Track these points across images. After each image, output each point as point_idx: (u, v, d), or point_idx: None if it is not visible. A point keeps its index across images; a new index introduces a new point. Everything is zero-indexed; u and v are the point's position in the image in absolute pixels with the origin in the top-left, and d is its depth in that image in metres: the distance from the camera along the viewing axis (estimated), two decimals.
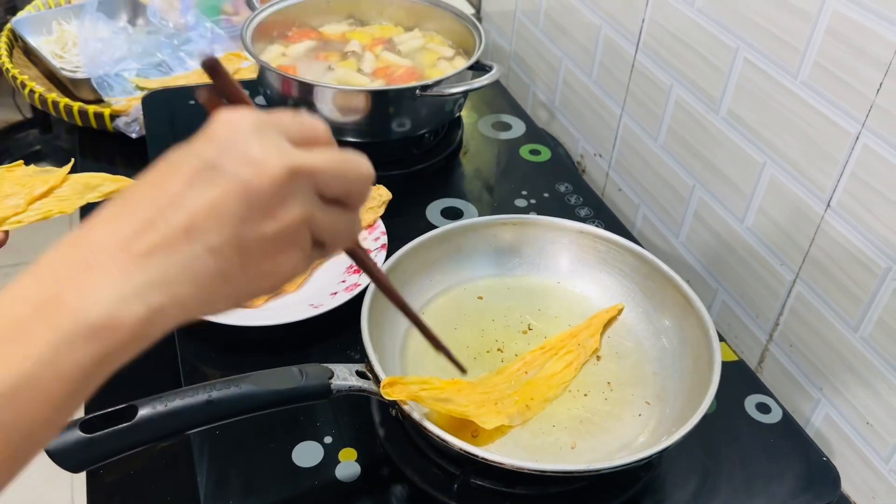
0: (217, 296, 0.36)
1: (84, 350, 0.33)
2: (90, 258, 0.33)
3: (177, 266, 0.34)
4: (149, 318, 0.34)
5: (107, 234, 0.34)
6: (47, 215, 0.77)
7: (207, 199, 0.34)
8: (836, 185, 0.74)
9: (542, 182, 1.01)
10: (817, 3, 0.73)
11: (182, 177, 0.35)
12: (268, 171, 0.35)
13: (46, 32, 1.41)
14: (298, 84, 0.94)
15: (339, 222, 0.39)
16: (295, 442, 0.67)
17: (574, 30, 1.15)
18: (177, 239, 0.34)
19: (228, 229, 0.35)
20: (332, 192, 0.38)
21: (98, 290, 0.33)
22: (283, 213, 0.36)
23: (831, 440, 0.81)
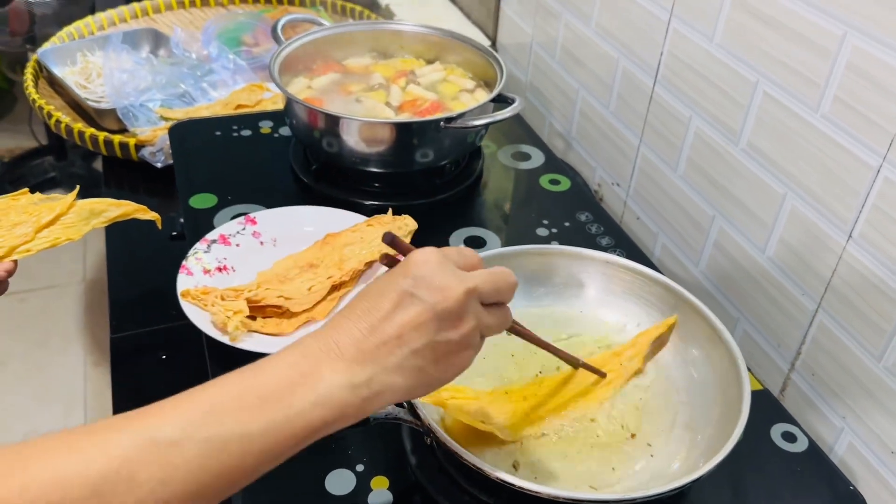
0: (417, 384, 0.50)
1: (328, 411, 0.46)
2: (337, 351, 0.48)
3: (393, 363, 0.48)
4: (370, 398, 0.48)
5: (345, 335, 0.48)
6: (55, 243, 0.78)
7: (411, 315, 0.48)
8: (858, 217, 0.76)
9: (563, 211, 1.02)
10: (837, 40, 0.74)
11: (390, 301, 0.49)
12: (451, 295, 0.49)
13: (71, 63, 1.44)
14: (326, 116, 0.95)
15: (498, 318, 0.53)
16: (328, 470, 0.68)
17: (591, 62, 1.17)
18: (392, 343, 0.48)
19: (426, 337, 0.49)
20: (491, 299, 0.52)
21: (344, 374, 0.47)
22: (463, 325, 0.50)
23: (855, 469, 0.81)
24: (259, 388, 0.46)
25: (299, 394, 0.46)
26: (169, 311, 0.99)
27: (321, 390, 0.46)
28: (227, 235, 0.88)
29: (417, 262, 0.50)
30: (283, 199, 0.97)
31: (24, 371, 1.88)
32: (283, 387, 0.46)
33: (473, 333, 0.51)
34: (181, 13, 1.70)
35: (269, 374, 0.46)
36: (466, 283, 0.50)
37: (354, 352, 0.48)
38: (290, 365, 0.47)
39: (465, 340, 0.50)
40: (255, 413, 0.45)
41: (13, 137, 2.58)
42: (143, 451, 0.41)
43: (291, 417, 0.45)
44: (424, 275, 0.49)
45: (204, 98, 1.33)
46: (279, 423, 0.45)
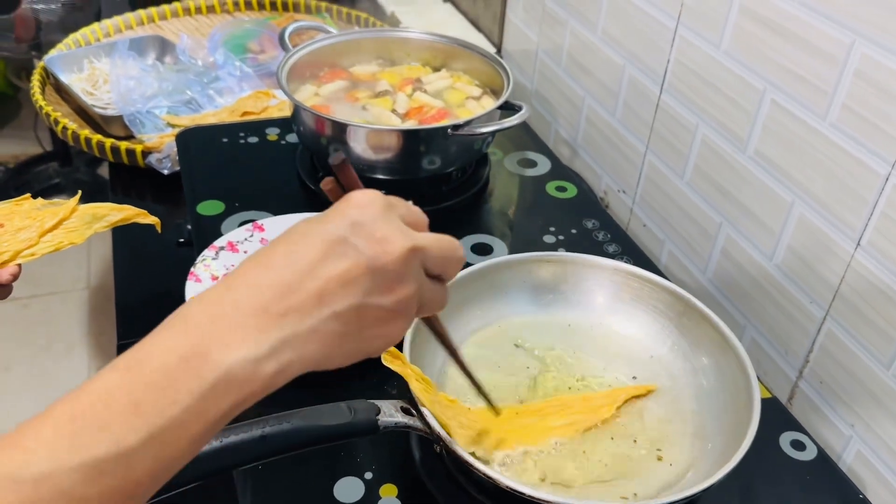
0: (335, 354, 0.41)
1: (225, 399, 0.37)
2: (233, 317, 0.38)
3: (307, 327, 0.39)
4: (279, 371, 0.39)
5: (248, 295, 0.39)
6: (59, 247, 0.78)
7: (340, 269, 0.40)
8: (867, 225, 0.76)
9: (570, 218, 1.02)
10: (845, 48, 0.75)
11: (317, 248, 0.40)
12: (393, 249, 0.41)
13: (78, 70, 1.45)
14: (333, 123, 0.96)
15: (436, 293, 0.46)
16: (336, 477, 0.68)
17: (597, 69, 1.17)
18: (310, 303, 0.39)
19: (354, 298, 0.40)
20: (436, 268, 0.44)
21: (239, 348, 0.38)
22: (401, 288, 0.42)
23: (864, 477, 0.81)
24: (133, 389, 0.36)
25: (182, 386, 0.36)
26: None
27: (210, 376, 0.37)
28: (236, 242, 0.89)
29: (358, 203, 0.41)
30: (290, 206, 0.98)
31: (28, 376, 1.88)
32: (160, 381, 0.36)
33: (410, 301, 0.42)
34: (187, 20, 1.71)
35: (143, 366, 0.37)
36: (413, 240, 0.42)
37: (257, 316, 0.38)
38: (167, 349, 0.37)
39: (399, 307, 0.42)
40: (131, 422, 0.35)
41: (18, 143, 2.59)
42: (10, 494, 0.33)
43: (178, 417, 0.36)
44: (364, 220, 0.41)
45: (210, 105, 1.33)
46: (163, 429, 0.36)
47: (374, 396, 0.62)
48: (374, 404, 0.60)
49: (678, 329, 0.74)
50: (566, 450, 0.65)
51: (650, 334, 0.76)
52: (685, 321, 0.74)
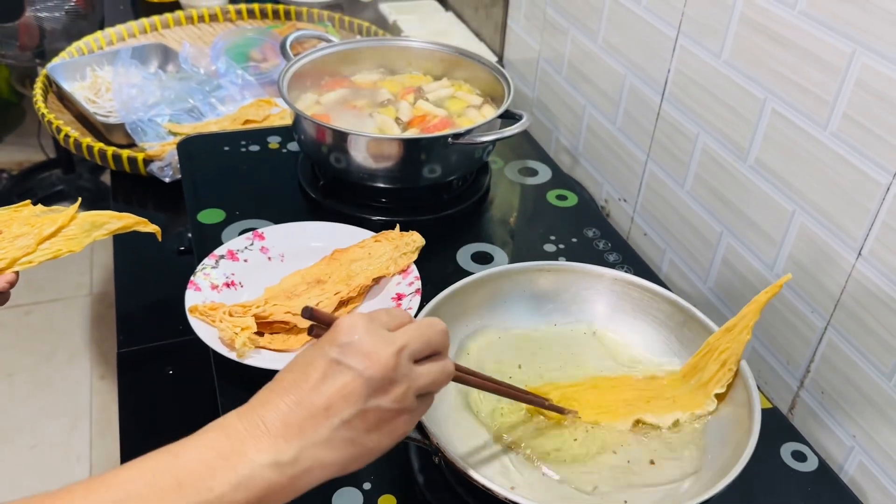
0: (350, 457, 0.48)
1: (252, 493, 0.45)
2: (263, 427, 0.46)
3: (321, 437, 0.47)
4: (299, 476, 0.46)
5: (271, 411, 0.47)
6: (57, 254, 0.78)
7: (338, 385, 0.47)
8: (868, 234, 0.75)
9: (570, 227, 1.02)
10: (846, 57, 0.74)
11: (318, 371, 0.47)
12: (380, 359, 0.47)
13: (80, 78, 1.45)
14: (334, 132, 0.96)
15: (434, 373, 0.51)
16: (335, 488, 0.68)
17: (598, 78, 1.17)
18: (320, 416, 0.47)
19: (356, 406, 0.47)
20: (424, 353, 0.51)
21: (268, 452, 0.45)
22: (395, 389, 0.48)
23: (866, 489, 0.80)
24: (177, 472, 0.43)
25: (220, 476, 0.44)
26: (176, 326, 0.99)
27: (243, 471, 0.44)
28: (236, 251, 0.88)
29: (344, 328, 0.48)
30: (290, 215, 0.98)
31: (31, 383, 1.88)
32: (202, 469, 0.44)
33: (407, 397, 0.49)
34: (190, 28, 1.71)
35: (188, 455, 0.45)
36: (395, 344, 0.48)
37: (280, 427, 0.46)
38: (210, 446, 0.45)
39: (398, 405, 0.48)
40: (172, 497, 0.42)
41: (22, 151, 2.59)
42: None
43: (211, 502, 0.43)
44: (351, 341, 0.48)
45: (212, 113, 1.33)
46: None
47: None
48: None
49: (679, 340, 0.74)
50: (565, 458, 0.65)
51: (651, 344, 0.75)
52: (686, 332, 0.73)
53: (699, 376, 0.69)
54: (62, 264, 0.79)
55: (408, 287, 0.85)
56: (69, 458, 1.71)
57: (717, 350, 0.69)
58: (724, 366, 0.68)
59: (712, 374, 0.68)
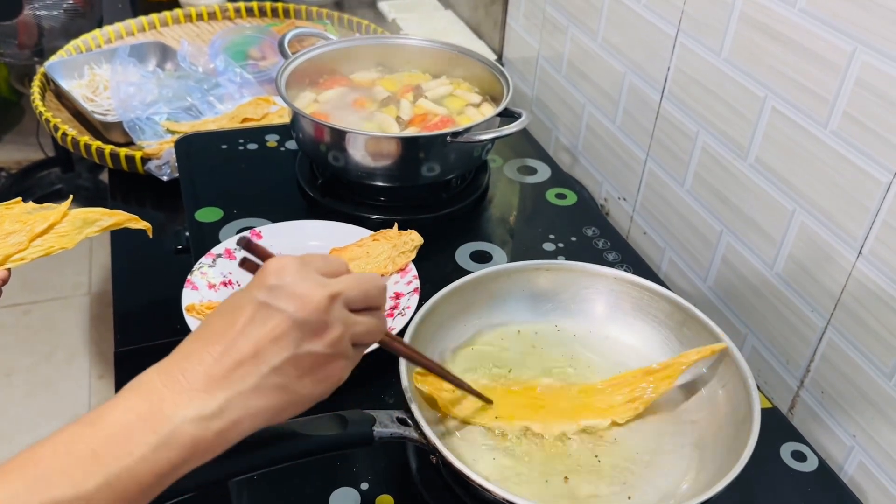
0: (282, 405, 0.46)
1: (177, 452, 0.42)
2: (183, 382, 0.43)
3: (249, 385, 0.44)
4: (228, 428, 0.44)
5: (194, 363, 0.44)
6: (49, 251, 0.78)
7: (267, 329, 0.44)
8: (868, 234, 0.75)
9: (569, 226, 1.02)
10: (846, 56, 0.74)
11: (245, 315, 0.45)
12: (311, 302, 0.45)
13: (78, 76, 1.45)
14: (332, 130, 0.95)
15: (369, 324, 0.49)
16: (332, 488, 0.67)
17: (597, 76, 1.17)
18: (247, 362, 0.44)
19: (287, 351, 0.45)
20: (360, 304, 0.49)
21: (188, 407, 0.43)
22: (328, 333, 0.46)
23: (866, 488, 0.80)
24: (93, 441, 0.41)
25: (139, 438, 0.42)
26: (173, 325, 0.98)
27: (164, 430, 0.42)
28: (233, 250, 0.88)
29: (273, 270, 0.46)
30: (288, 214, 0.97)
31: (29, 383, 1.88)
32: (120, 434, 0.42)
33: (341, 341, 0.47)
34: (188, 27, 1.71)
35: (104, 421, 0.42)
36: (329, 289, 0.46)
37: (203, 379, 0.43)
38: (127, 408, 0.43)
39: (332, 350, 0.46)
40: (90, 468, 0.40)
41: (21, 149, 2.59)
42: None
43: (132, 467, 0.41)
44: (282, 283, 0.45)
45: (210, 111, 1.33)
46: (118, 476, 0.41)
47: (370, 407, 0.62)
48: (370, 415, 0.60)
49: (678, 339, 0.74)
50: (562, 457, 0.65)
51: (650, 344, 0.75)
52: (686, 331, 0.73)
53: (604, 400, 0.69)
54: (60, 264, 0.79)
55: (406, 286, 0.85)
56: None
57: (630, 385, 0.69)
58: (634, 402, 0.68)
59: (619, 404, 0.68)
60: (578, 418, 0.67)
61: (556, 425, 0.66)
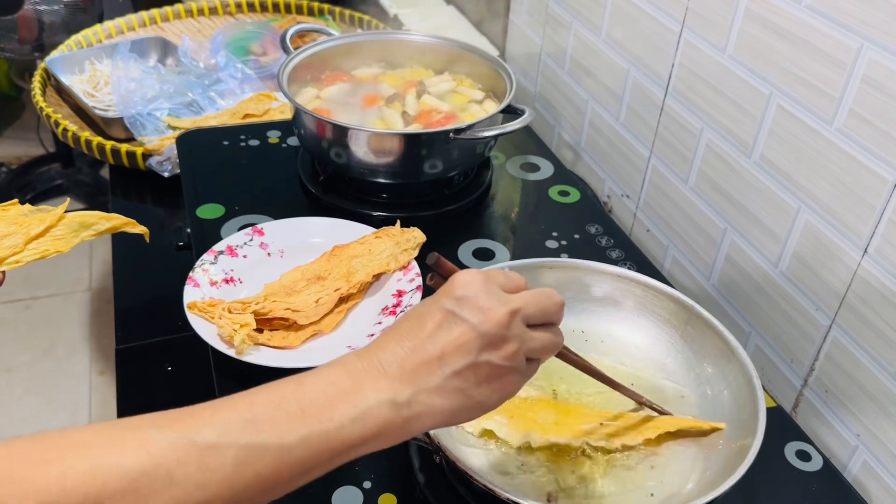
0: (458, 407, 0.49)
1: (367, 428, 0.46)
2: (379, 367, 0.48)
3: (434, 384, 0.48)
4: (411, 419, 0.47)
5: (388, 353, 0.48)
6: (44, 254, 0.77)
7: (453, 336, 0.48)
8: (874, 232, 0.75)
9: (572, 223, 1.01)
10: (853, 53, 0.74)
11: (433, 320, 0.49)
12: (494, 315, 0.49)
13: (79, 71, 1.44)
14: (334, 127, 0.95)
15: (545, 341, 0.52)
16: (334, 487, 0.67)
17: (601, 73, 1.16)
18: (434, 363, 0.48)
19: (468, 358, 0.48)
20: (538, 320, 0.51)
21: (385, 391, 0.47)
22: (506, 347, 0.49)
23: (870, 488, 0.80)
24: (300, 400, 0.46)
25: (340, 408, 0.46)
26: (175, 322, 0.98)
27: (361, 406, 0.46)
28: (235, 246, 0.88)
29: (461, 282, 0.50)
30: (290, 210, 0.97)
31: (29, 379, 1.88)
32: (324, 400, 0.46)
33: (517, 356, 0.50)
34: (189, 22, 1.70)
35: (311, 386, 0.47)
36: (510, 305, 0.49)
37: (397, 370, 0.48)
38: (332, 381, 0.47)
39: (508, 363, 0.49)
40: (295, 424, 0.45)
41: (21, 145, 2.58)
42: (183, 451, 0.42)
43: (330, 431, 0.45)
44: (468, 295, 0.49)
45: (212, 107, 1.32)
46: (317, 436, 0.45)
47: None
48: None
49: (683, 338, 0.73)
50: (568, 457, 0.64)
51: (654, 342, 0.75)
52: (690, 330, 0.73)
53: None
54: (61, 259, 0.78)
55: (409, 284, 0.84)
56: None
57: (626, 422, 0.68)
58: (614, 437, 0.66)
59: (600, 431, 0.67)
60: (553, 434, 0.66)
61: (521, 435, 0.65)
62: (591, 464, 0.64)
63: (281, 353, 0.77)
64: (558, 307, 0.53)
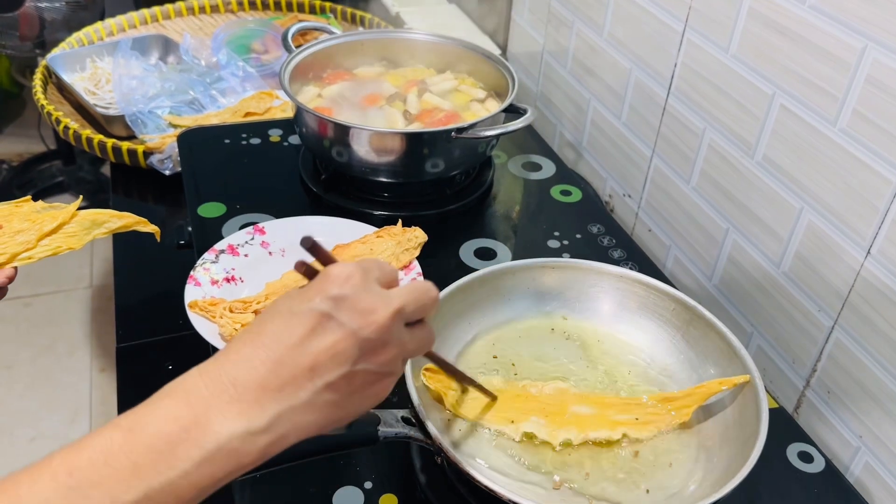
0: (327, 421, 0.44)
1: (220, 467, 0.40)
2: (232, 391, 0.40)
3: (302, 400, 0.42)
4: (274, 442, 0.42)
5: (245, 371, 0.41)
6: (57, 251, 0.78)
7: (327, 343, 0.42)
8: (877, 233, 0.74)
9: (574, 223, 1.01)
10: (857, 53, 0.73)
11: (304, 325, 0.42)
12: (377, 319, 0.43)
13: (80, 69, 1.44)
14: (336, 125, 0.95)
15: (421, 340, 0.48)
16: (335, 487, 0.67)
17: (603, 72, 1.16)
18: (303, 377, 0.41)
19: (344, 368, 0.42)
20: (415, 317, 0.47)
21: (238, 421, 0.40)
22: (386, 352, 0.44)
23: (872, 490, 0.80)
24: (131, 452, 0.39)
25: (182, 452, 0.39)
26: (176, 321, 0.98)
27: (209, 445, 0.39)
28: (236, 245, 0.87)
29: (338, 277, 0.43)
30: (292, 209, 0.97)
31: (30, 376, 1.88)
32: (161, 446, 0.39)
33: (395, 361, 0.45)
34: (191, 20, 1.70)
35: (144, 431, 0.39)
36: (392, 304, 0.44)
37: (255, 391, 0.41)
38: (170, 417, 0.40)
39: (385, 368, 0.45)
40: (129, 481, 0.38)
41: (22, 142, 2.58)
42: None
43: (174, 481, 0.39)
44: (346, 294, 0.42)
45: (213, 105, 1.32)
46: (158, 490, 0.38)
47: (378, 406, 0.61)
48: (374, 414, 0.59)
49: (685, 338, 0.73)
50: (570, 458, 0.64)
51: (656, 343, 0.74)
52: (692, 330, 0.72)
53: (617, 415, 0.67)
54: (62, 256, 0.78)
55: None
56: None
57: (650, 409, 0.68)
58: (649, 424, 0.66)
59: (629, 422, 0.66)
60: (588, 429, 0.65)
61: (562, 432, 0.65)
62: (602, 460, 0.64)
63: None
64: (434, 302, 0.47)
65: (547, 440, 0.65)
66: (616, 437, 0.65)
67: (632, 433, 0.65)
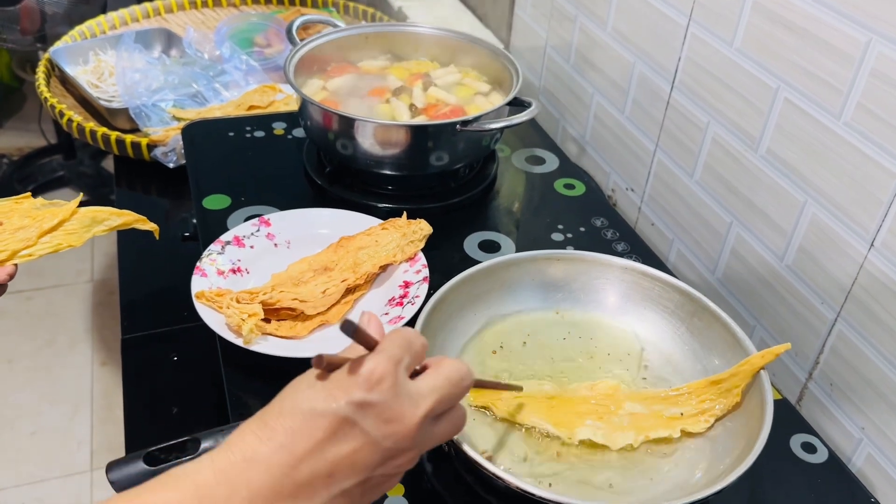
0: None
1: None
2: (245, 494, 0.38)
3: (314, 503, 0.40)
4: None
5: (259, 471, 0.39)
6: (57, 248, 0.78)
7: (347, 451, 0.40)
8: (881, 226, 0.75)
9: (578, 216, 1.02)
10: (861, 46, 0.74)
11: (324, 428, 0.40)
12: (402, 429, 0.41)
13: (83, 62, 1.44)
14: (340, 118, 0.95)
15: (448, 431, 0.45)
16: None
17: (606, 66, 1.16)
18: (319, 484, 0.40)
19: (361, 476, 0.41)
20: (445, 409, 0.44)
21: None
22: (405, 456, 0.42)
23: (874, 480, 0.80)
24: None
25: None
26: (180, 312, 0.98)
27: None
28: (242, 237, 0.88)
29: (367, 381, 0.40)
30: (296, 201, 0.97)
31: (32, 370, 1.88)
32: None
33: (413, 460, 0.44)
34: (193, 13, 1.70)
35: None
36: (420, 409, 0.42)
37: (269, 494, 0.39)
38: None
39: (402, 470, 0.43)
40: None
41: (22, 136, 2.58)
42: None
43: None
44: (373, 401, 0.40)
45: (216, 98, 1.32)
46: None
47: None
48: None
49: (689, 330, 0.74)
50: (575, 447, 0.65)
51: (661, 335, 0.75)
52: (696, 322, 0.73)
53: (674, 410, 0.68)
54: (63, 251, 0.79)
55: (415, 275, 0.85)
56: (70, 444, 1.70)
57: (698, 397, 0.67)
58: (703, 413, 0.66)
59: (690, 414, 0.67)
60: (646, 430, 0.65)
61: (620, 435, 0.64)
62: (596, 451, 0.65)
63: (288, 342, 0.77)
64: (465, 390, 0.45)
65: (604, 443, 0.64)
66: (676, 434, 0.65)
67: (689, 428, 0.65)
